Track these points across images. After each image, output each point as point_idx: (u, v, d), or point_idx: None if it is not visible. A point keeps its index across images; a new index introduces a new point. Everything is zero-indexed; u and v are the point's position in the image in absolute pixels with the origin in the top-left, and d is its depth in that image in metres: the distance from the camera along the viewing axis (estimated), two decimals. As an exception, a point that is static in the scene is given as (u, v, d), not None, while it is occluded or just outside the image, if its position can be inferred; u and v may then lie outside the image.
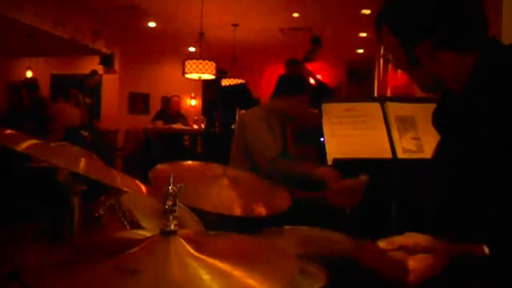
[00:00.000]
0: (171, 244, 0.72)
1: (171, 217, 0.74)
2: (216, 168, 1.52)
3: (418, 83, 1.16)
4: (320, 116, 2.12)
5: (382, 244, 0.94)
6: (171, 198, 0.74)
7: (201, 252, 0.71)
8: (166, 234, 0.74)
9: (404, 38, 1.08)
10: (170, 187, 0.75)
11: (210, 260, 0.70)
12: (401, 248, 0.91)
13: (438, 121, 1.19)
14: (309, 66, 4.83)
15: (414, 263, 0.89)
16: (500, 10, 2.24)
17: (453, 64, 1.05)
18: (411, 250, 0.91)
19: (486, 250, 0.84)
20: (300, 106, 2.49)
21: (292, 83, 2.57)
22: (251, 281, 0.66)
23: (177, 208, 0.75)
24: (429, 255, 0.90)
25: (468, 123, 1.03)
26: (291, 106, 2.49)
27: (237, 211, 1.32)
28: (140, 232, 0.88)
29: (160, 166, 1.42)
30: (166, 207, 0.73)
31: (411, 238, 0.94)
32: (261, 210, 1.37)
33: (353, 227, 1.56)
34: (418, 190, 1.28)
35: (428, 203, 1.14)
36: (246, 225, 1.31)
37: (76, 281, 0.65)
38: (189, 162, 1.64)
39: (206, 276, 0.66)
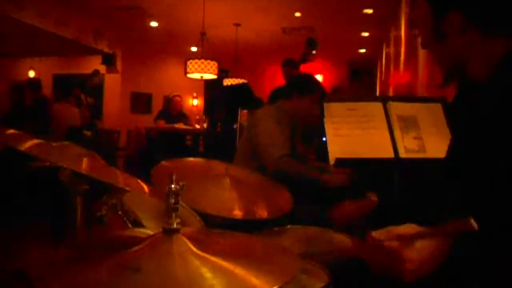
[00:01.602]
0: (174, 242, 0.72)
1: (173, 215, 0.74)
2: (219, 166, 1.52)
3: (440, 64, 1.11)
4: (322, 115, 2.13)
5: (376, 234, 0.92)
6: (173, 196, 0.74)
7: (204, 250, 0.71)
8: (168, 232, 0.74)
9: (436, 4, 1.04)
10: (172, 185, 0.75)
11: (213, 258, 0.70)
12: (399, 238, 0.89)
13: (456, 116, 1.16)
14: (308, 67, 4.83)
15: (411, 253, 0.87)
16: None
17: (480, 46, 1.00)
18: (408, 240, 0.89)
19: (474, 224, 0.81)
20: (311, 108, 2.46)
21: (303, 83, 2.56)
22: (253, 279, 0.67)
23: (179, 206, 0.75)
24: (427, 243, 0.88)
25: (491, 117, 0.98)
26: (301, 107, 2.47)
27: (238, 214, 1.32)
28: (143, 230, 0.88)
29: (162, 163, 1.42)
30: (169, 204, 0.74)
31: (408, 228, 0.92)
32: (262, 213, 1.37)
33: (355, 227, 1.56)
34: (425, 190, 1.26)
35: (440, 202, 1.11)
36: (248, 224, 1.31)
37: (80, 280, 0.65)
38: (191, 159, 1.64)
39: (208, 274, 0.66)
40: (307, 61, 4.23)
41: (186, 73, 6.32)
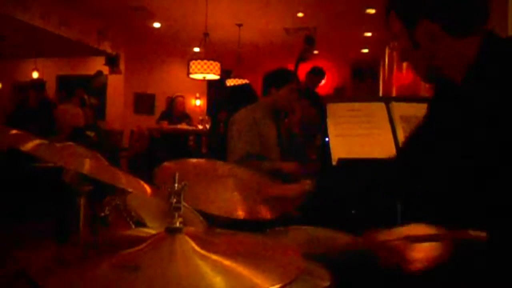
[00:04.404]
0: (177, 241, 0.73)
1: (176, 215, 0.74)
2: (222, 166, 1.52)
3: (419, 71, 1.17)
4: (324, 115, 2.13)
5: (385, 234, 0.95)
6: (176, 195, 0.75)
7: (206, 250, 0.72)
8: (171, 231, 0.74)
9: (406, 19, 1.10)
10: (175, 185, 0.75)
11: (215, 258, 0.70)
12: (406, 238, 0.91)
13: (435, 116, 1.20)
14: (309, 67, 4.83)
15: (417, 253, 0.89)
16: (506, 8, 2.23)
17: (452, 49, 1.05)
18: (415, 240, 0.91)
19: (484, 235, 0.83)
20: (289, 96, 2.58)
21: (276, 75, 2.66)
22: (255, 279, 0.67)
23: (182, 206, 0.75)
24: (433, 244, 0.91)
25: (467, 117, 1.03)
26: (281, 97, 2.57)
27: (241, 214, 1.32)
28: (146, 230, 0.89)
29: (165, 164, 1.43)
30: (171, 204, 0.74)
31: (416, 229, 0.94)
32: (265, 213, 1.38)
33: (357, 227, 1.56)
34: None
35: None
36: (251, 224, 1.31)
37: (82, 279, 0.65)
38: (194, 159, 1.64)
39: (211, 274, 0.66)
40: (306, 59, 4.21)
41: (189, 73, 6.32)
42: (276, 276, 0.68)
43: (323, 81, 5.23)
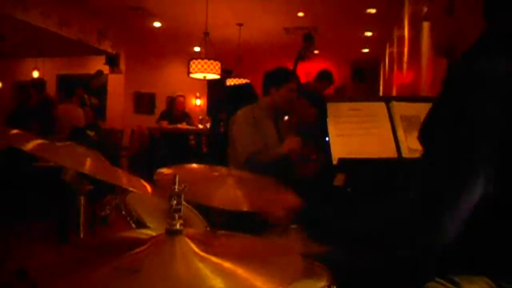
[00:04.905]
0: (177, 243, 0.73)
1: (176, 217, 0.74)
2: (221, 169, 1.52)
3: (437, 39, 1.15)
4: (324, 115, 2.13)
5: None
6: (176, 197, 0.74)
7: (207, 252, 0.72)
8: (171, 233, 0.74)
9: None
10: (175, 186, 0.75)
11: (216, 260, 0.70)
12: None
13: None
14: (309, 66, 4.83)
15: None
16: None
17: (466, 25, 1.03)
18: None
19: None
20: (290, 95, 2.58)
21: (276, 75, 2.68)
22: (256, 280, 0.67)
23: (182, 207, 0.75)
24: None
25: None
26: (281, 97, 2.59)
27: (244, 207, 1.32)
28: (146, 231, 0.89)
29: (164, 170, 1.42)
30: (172, 206, 0.74)
31: None
32: (268, 208, 1.37)
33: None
34: None
35: None
36: (252, 224, 1.31)
37: (82, 280, 0.65)
38: (194, 165, 1.64)
39: (211, 276, 0.66)
40: (305, 57, 4.20)
41: (189, 73, 6.32)
42: (276, 278, 0.68)
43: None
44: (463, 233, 0.87)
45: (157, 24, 7.55)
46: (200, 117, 7.83)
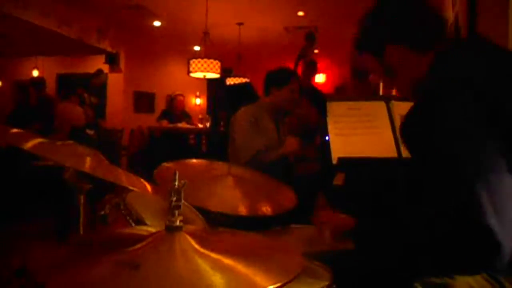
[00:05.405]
0: (176, 239, 0.73)
1: (176, 213, 0.74)
2: (221, 166, 1.52)
3: (403, 91, 1.25)
4: (324, 114, 2.13)
5: None
6: (176, 194, 0.75)
7: (206, 248, 0.72)
8: (171, 230, 0.74)
9: (372, 48, 1.19)
10: (175, 183, 0.75)
11: (215, 256, 0.70)
12: None
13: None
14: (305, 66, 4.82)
15: None
16: (506, 8, 2.22)
17: (417, 66, 1.10)
18: None
19: None
20: (291, 96, 2.59)
21: (277, 75, 2.67)
22: (255, 277, 0.67)
23: (182, 204, 0.75)
24: None
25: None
26: (281, 98, 2.59)
27: (242, 211, 1.32)
28: (146, 228, 0.89)
29: (165, 164, 1.43)
30: (171, 202, 0.74)
31: None
32: (266, 210, 1.38)
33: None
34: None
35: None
36: (251, 223, 1.31)
37: (82, 277, 0.65)
38: (194, 160, 1.64)
39: (210, 272, 0.66)
40: (306, 57, 4.20)
41: (189, 72, 6.32)
42: (275, 275, 0.68)
43: (316, 74, 5.18)
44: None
45: (157, 23, 7.54)
46: (200, 116, 7.83)
